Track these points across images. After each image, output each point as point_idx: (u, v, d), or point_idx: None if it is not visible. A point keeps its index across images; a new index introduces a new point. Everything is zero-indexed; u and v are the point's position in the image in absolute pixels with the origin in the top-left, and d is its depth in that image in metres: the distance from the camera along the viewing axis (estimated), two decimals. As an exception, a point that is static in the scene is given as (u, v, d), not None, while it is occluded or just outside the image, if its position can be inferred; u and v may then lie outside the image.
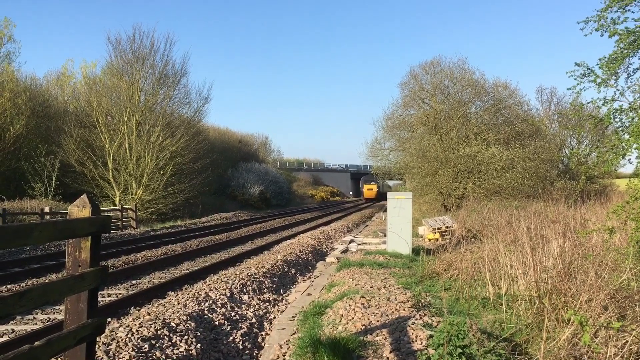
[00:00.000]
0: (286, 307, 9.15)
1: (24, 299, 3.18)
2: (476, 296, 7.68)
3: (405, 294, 7.87)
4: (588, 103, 9.31)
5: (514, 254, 7.86)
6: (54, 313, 8.46)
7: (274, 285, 10.85)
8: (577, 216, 12.64)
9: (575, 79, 8.70)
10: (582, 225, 11.08)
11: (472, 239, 12.76)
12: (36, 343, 3.23)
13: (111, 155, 32.05)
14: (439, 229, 18.60)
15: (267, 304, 9.35)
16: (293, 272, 12.58)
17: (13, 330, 7.49)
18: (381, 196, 77.60)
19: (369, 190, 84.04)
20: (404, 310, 6.81)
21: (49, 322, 7.82)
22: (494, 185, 27.17)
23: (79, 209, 4.00)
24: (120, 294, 10.10)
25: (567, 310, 5.37)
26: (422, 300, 7.51)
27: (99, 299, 8.30)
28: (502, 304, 6.76)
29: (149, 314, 7.29)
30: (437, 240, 17.97)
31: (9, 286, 10.58)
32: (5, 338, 7.02)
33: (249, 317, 8.23)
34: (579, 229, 9.67)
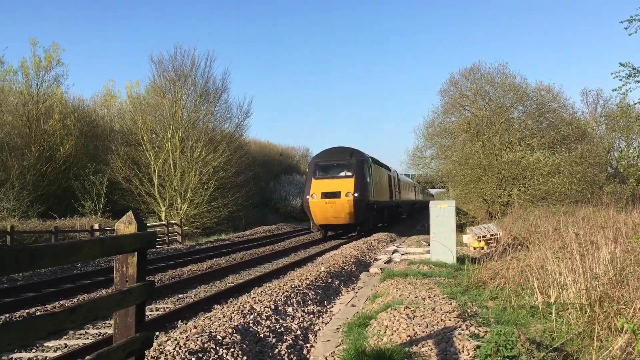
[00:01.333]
0: (330, 318, 9.13)
1: (74, 314, 3.28)
2: (524, 305, 7.51)
3: (451, 303, 7.75)
4: (635, 104, 9.07)
5: (563, 261, 7.67)
6: (104, 327, 8.67)
7: (318, 297, 10.85)
8: (628, 221, 12.23)
9: (620, 80, 8.51)
10: (634, 230, 10.72)
11: (519, 247, 12.49)
12: (87, 358, 3.32)
13: (156, 171, 32.83)
14: (483, 237, 18.28)
15: (312, 315, 9.35)
16: (336, 283, 12.56)
17: (66, 345, 7.71)
18: (377, 216, 29.98)
19: (329, 199, 25.13)
20: (450, 320, 6.71)
21: (99, 337, 8.01)
22: (540, 191, 26.62)
23: (125, 226, 4.11)
24: (167, 307, 10.27)
25: (620, 318, 5.20)
26: (468, 310, 7.39)
27: (147, 312, 8.47)
28: (551, 313, 6.59)
29: (195, 327, 7.39)
30: (482, 248, 17.67)
31: (61, 302, 10.91)
32: (58, 353, 7.24)
33: (294, 329, 8.25)
34: (630, 234, 9.36)
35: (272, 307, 9.13)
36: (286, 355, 7.07)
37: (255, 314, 8.48)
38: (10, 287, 12.44)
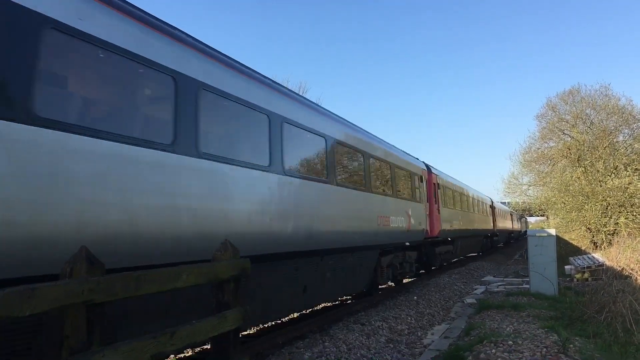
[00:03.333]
0: (423, 350, 8.94)
1: (174, 338, 3.46)
2: (633, 342, 7.01)
3: (552, 338, 7.38)
4: None
5: (677, 295, 7.11)
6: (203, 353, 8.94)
7: (410, 327, 10.68)
8: None
9: None
10: None
11: (627, 279, 11.71)
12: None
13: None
14: (588, 267, 17.27)
15: (403, 346, 9.20)
16: (429, 313, 12.30)
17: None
18: None
19: None
20: (551, 355, 6.39)
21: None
22: (650, 220, 24.87)
23: (221, 254, 4.30)
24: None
25: None
26: (571, 346, 6.99)
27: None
28: (664, 351, 6.11)
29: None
30: (587, 280, 16.65)
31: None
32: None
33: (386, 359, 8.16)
34: None
35: (364, 338, 9.10)
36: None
37: (346, 348, 8.50)
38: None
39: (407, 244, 14.54)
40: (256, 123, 7.42)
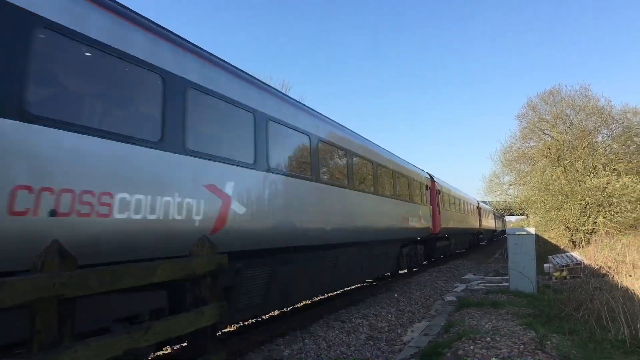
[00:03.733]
0: (402, 347, 8.96)
1: (148, 334, 3.41)
2: (609, 338, 7.09)
3: (529, 334, 7.44)
4: None
5: (652, 293, 7.21)
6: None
7: (390, 325, 10.70)
8: None
9: None
10: None
11: (604, 277, 11.86)
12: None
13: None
14: (566, 266, 17.45)
15: (383, 343, 9.22)
16: (410, 310, 12.34)
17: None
18: None
19: None
20: (528, 352, 6.44)
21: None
22: (628, 219, 25.21)
23: (198, 249, 4.25)
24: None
25: None
26: (548, 342, 7.05)
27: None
28: (639, 347, 6.19)
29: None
30: (565, 278, 16.84)
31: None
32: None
33: (366, 357, 8.16)
34: None
35: (344, 335, 9.09)
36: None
37: (326, 345, 8.47)
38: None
39: None
40: None
